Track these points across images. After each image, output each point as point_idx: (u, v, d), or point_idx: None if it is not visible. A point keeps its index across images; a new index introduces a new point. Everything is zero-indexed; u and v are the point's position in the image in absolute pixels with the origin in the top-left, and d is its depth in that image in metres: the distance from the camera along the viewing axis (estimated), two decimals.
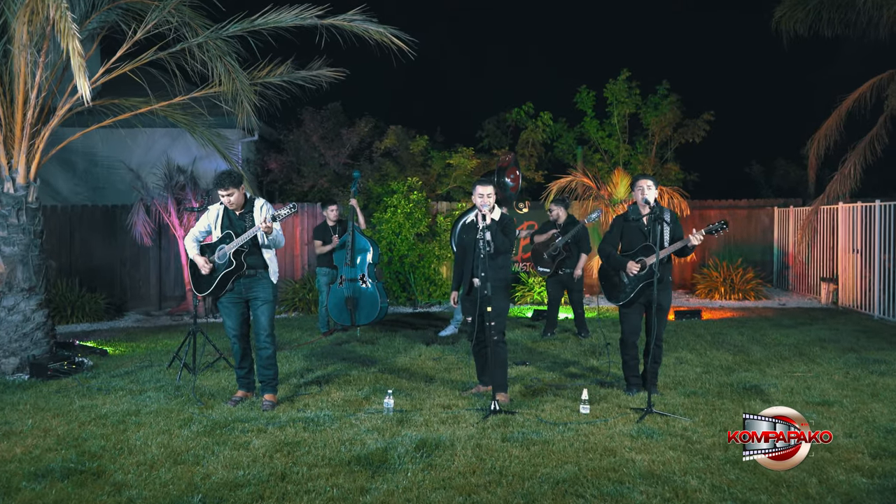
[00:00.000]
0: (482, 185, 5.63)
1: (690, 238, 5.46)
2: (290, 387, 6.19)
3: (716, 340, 8.15)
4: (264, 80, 8.43)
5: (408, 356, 7.50)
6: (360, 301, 8.64)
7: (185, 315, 11.39)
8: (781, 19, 12.50)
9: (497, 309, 5.54)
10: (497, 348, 5.60)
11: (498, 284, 5.58)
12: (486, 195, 5.58)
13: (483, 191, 5.59)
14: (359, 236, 8.81)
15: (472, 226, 5.67)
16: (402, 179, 12.27)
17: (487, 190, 5.59)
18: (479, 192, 5.60)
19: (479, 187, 5.61)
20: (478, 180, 5.76)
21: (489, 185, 5.63)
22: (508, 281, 5.71)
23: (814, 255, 12.53)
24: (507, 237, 5.58)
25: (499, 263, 5.61)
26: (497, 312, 5.55)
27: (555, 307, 8.70)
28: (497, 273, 5.59)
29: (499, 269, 5.62)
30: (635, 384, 5.91)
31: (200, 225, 5.69)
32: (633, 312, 5.83)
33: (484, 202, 5.56)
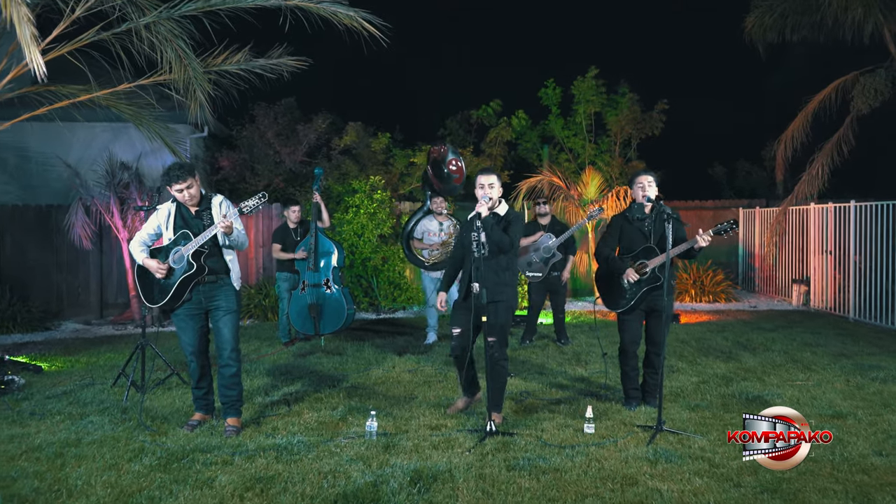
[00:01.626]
0: (484, 173, 5.07)
1: (698, 239, 5.03)
2: (255, 407, 5.52)
3: (701, 346, 7.80)
4: (220, 67, 7.71)
5: (381, 368, 6.90)
6: (325, 308, 7.99)
7: (130, 324, 10.52)
8: (752, 28, 12.42)
9: (497, 322, 4.94)
10: (498, 367, 4.99)
11: (499, 290, 4.97)
12: (486, 185, 5.01)
13: (484, 180, 5.02)
14: (322, 238, 8.17)
15: (473, 221, 5.07)
16: (363, 178, 11.64)
17: (490, 179, 5.03)
18: (479, 182, 5.04)
19: (481, 176, 5.05)
20: (481, 169, 5.22)
21: (492, 175, 5.07)
22: (512, 288, 5.11)
23: (782, 256, 12.42)
24: (507, 234, 4.97)
25: (501, 265, 5.01)
26: (499, 325, 4.95)
27: (536, 313, 8.22)
28: (499, 277, 5.00)
29: (501, 272, 5.01)
30: (635, 397, 5.45)
31: (149, 226, 4.97)
32: (634, 320, 5.37)
33: (484, 193, 5.00)
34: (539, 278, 7.95)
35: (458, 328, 5.17)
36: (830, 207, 10.77)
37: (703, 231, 5.05)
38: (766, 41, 12.52)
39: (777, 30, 12.41)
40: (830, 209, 10.77)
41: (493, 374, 5.00)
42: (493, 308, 4.94)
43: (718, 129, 18.44)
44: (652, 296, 5.27)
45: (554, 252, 7.87)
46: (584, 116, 12.97)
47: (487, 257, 4.95)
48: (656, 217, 5.30)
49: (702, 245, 5.03)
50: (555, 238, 7.90)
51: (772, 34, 12.44)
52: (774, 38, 12.52)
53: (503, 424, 4.95)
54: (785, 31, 12.36)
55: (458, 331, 5.17)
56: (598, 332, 8.29)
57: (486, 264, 4.94)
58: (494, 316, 4.96)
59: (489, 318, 4.92)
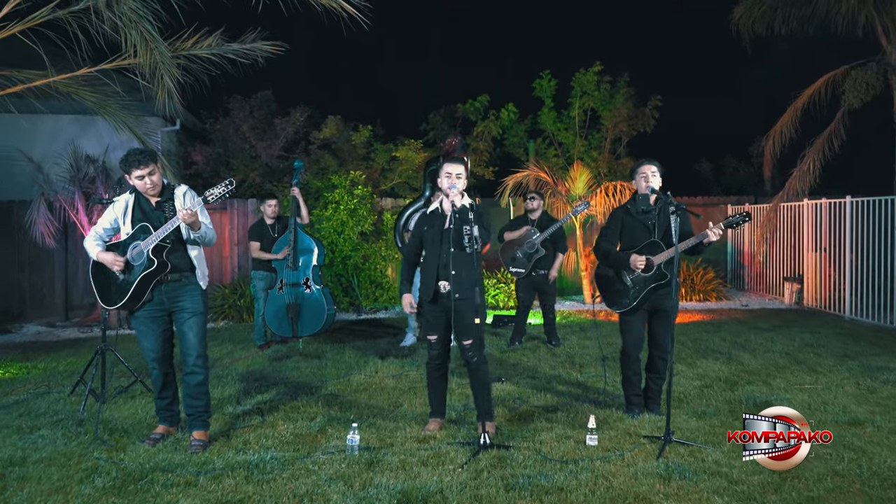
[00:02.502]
0: (452, 162, 4.60)
1: (708, 233, 4.66)
2: (225, 418, 5.06)
3: (698, 347, 7.45)
4: (189, 52, 7.22)
5: (363, 373, 6.45)
6: (304, 308, 7.52)
7: (97, 326, 9.95)
8: (741, 20, 12.13)
9: (471, 323, 4.51)
10: (478, 371, 4.58)
11: (471, 286, 4.54)
12: (454, 175, 4.55)
13: (452, 169, 4.55)
14: (302, 234, 7.70)
15: (438, 215, 4.62)
16: (343, 173, 11.16)
17: (458, 168, 4.56)
18: (446, 171, 4.56)
19: (449, 165, 4.57)
20: (446, 157, 4.78)
21: (460, 164, 4.61)
22: (481, 283, 4.67)
23: (773, 253, 12.14)
24: (485, 229, 4.60)
25: (472, 262, 4.58)
26: (473, 328, 4.52)
27: (524, 313, 7.81)
28: (471, 274, 4.58)
29: (473, 269, 4.59)
30: (637, 404, 5.06)
31: (105, 220, 4.48)
32: (637, 320, 4.98)
33: (452, 183, 4.53)
34: (522, 274, 7.55)
35: (435, 334, 4.70)
36: (825, 203, 10.49)
37: (714, 224, 4.67)
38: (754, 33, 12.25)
39: (766, 22, 12.14)
40: (825, 205, 10.49)
41: (476, 380, 4.59)
42: (470, 307, 4.51)
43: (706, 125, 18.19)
44: (657, 294, 4.89)
45: (537, 248, 7.47)
46: (579, 111, 12.57)
47: (458, 251, 4.51)
48: (661, 210, 4.92)
49: (712, 239, 4.66)
50: (540, 233, 7.51)
51: (760, 26, 12.17)
52: (763, 31, 12.25)
53: (497, 436, 4.53)
54: (774, 23, 12.09)
55: (435, 337, 4.71)
56: (596, 333, 7.92)
57: (460, 260, 4.50)
58: (470, 317, 4.52)
59: (466, 318, 4.50)
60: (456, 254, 4.48)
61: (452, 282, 4.45)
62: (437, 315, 4.63)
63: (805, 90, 12.29)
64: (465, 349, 4.55)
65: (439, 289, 4.55)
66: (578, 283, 12.16)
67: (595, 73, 12.28)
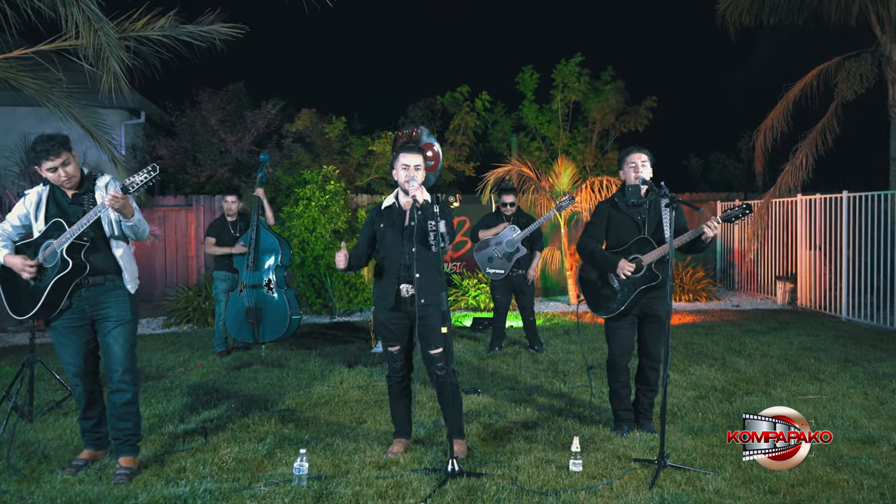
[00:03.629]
0: (408, 152, 4.06)
1: (704, 228, 4.14)
2: (163, 438, 4.48)
3: (690, 352, 6.95)
4: (139, 33, 6.62)
5: (326, 384, 5.89)
6: (265, 312, 6.96)
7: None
8: (727, 11, 11.68)
9: (439, 331, 4.00)
10: (448, 384, 4.06)
11: (438, 291, 4.03)
12: (412, 166, 4.03)
13: (409, 160, 4.03)
14: (265, 233, 7.14)
15: (395, 211, 4.09)
16: (316, 168, 10.58)
17: (416, 159, 4.04)
18: (402, 163, 4.03)
19: (405, 156, 4.04)
20: (401, 147, 4.22)
21: (417, 154, 4.08)
22: (446, 288, 4.15)
23: (765, 251, 11.68)
24: (450, 228, 4.05)
25: (435, 264, 4.07)
26: (443, 334, 3.99)
27: (502, 316, 7.28)
28: (435, 278, 4.06)
29: (434, 270, 4.07)
30: (626, 420, 4.54)
31: (13, 216, 3.89)
32: (626, 327, 4.46)
33: (411, 176, 4.01)
34: (501, 275, 7.01)
35: (397, 345, 4.17)
36: (819, 199, 10.04)
37: (711, 218, 4.16)
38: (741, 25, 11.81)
39: (753, 13, 11.70)
40: (819, 200, 10.03)
41: (444, 395, 4.05)
42: (437, 313, 4.00)
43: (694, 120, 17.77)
44: (648, 297, 4.37)
45: (518, 246, 6.94)
46: (561, 104, 12.06)
47: (421, 251, 3.99)
48: (652, 203, 4.40)
49: (709, 235, 4.15)
50: (519, 231, 6.98)
51: (748, 17, 11.74)
52: (750, 22, 11.82)
53: (468, 460, 3.99)
54: (762, 14, 11.67)
55: (397, 348, 4.18)
56: (581, 339, 7.39)
57: (425, 261, 3.99)
58: (438, 324, 4.01)
59: (433, 325, 3.99)
60: (420, 254, 3.96)
61: (417, 285, 3.92)
62: (399, 323, 4.11)
63: (797, 83, 11.85)
64: (433, 360, 4.03)
65: (401, 293, 4.02)
66: (563, 284, 11.66)
67: (576, 65, 11.76)
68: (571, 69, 11.76)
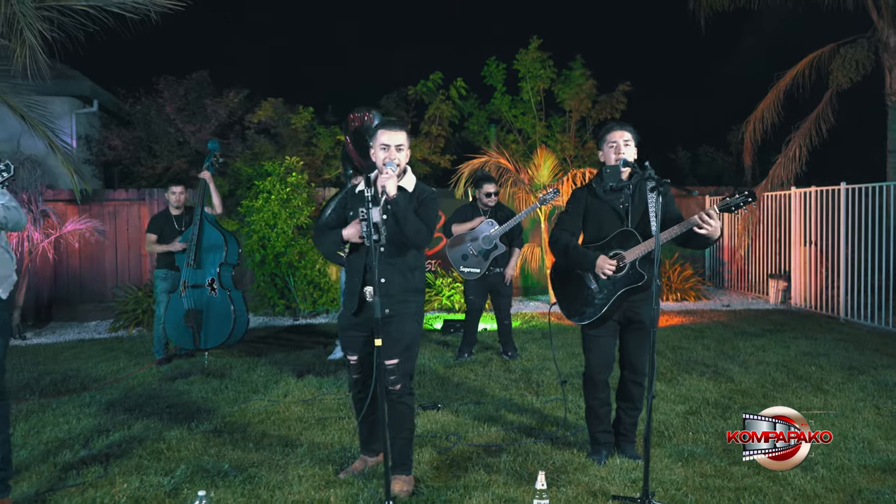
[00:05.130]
0: (390, 128, 3.41)
1: (697, 219, 3.46)
2: (55, 469, 3.75)
3: (680, 358, 6.30)
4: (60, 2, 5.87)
5: (267, 397, 5.18)
6: (207, 315, 6.24)
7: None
8: None
9: (401, 339, 3.40)
10: (399, 406, 3.44)
11: (407, 299, 3.43)
12: (393, 146, 3.38)
13: (391, 139, 3.39)
14: (209, 228, 6.42)
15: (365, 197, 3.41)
16: (278, 160, 9.84)
17: (397, 138, 3.40)
18: (381, 142, 3.39)
19: (386, 133, 3.40)
20: (383, 122, 3.54)
21: (400, 131, 3.43)
22: (422, 294, 3.53)
23: (757, 248, 11.07)
24: (423, 221, 3.39)
25: (409, 264, 3.45)
26: (401, 346, 3.40)
27: (475, 318, 6.59)
28: (407, 280, 3.43)
29: (410, 272, 3.45)
30: (605, 444, 3.86)
31: None
32: (606, 335, 3.78)
33: (389, 157, 3.36)
34: (476, 275, 6.32)
35: (355, 355, 3.53)
36: (815, 191, 9.42)
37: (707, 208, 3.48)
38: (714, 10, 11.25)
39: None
40: (815, 193, 9.41)
41: (393, 417, 3.42)
42: (398, 321, 3.38)
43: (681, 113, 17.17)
44: (631, 301, 3.69)
45: (496, 243, 6.26)
46: (532, 93, 11.40)
47: (391, 251, 3.36)
48: (636, 189, 3.72)
49: (715, 227, 3.44)
50: (498, 226, 6.29)
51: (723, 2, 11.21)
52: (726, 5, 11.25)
53: (412, 499, 3.30)
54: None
55: (355, 358, 3.54)
56: (552, 345, 6.72)
57: (390, 261, 3.37)
58: (400, 331, 3.39)
59: (393, 333, 3.38)
60: (388, 254, 3.36)
61: (380, 291, 3.26)
62: (359, 330, 3.46)
63: (788, 71, 11.27)
64: (386, 372, 3.35)
65: (365, 296, 3.36)
66: (544, 283, 10.98)
67: (536, 50, 11.11)
68: (532, 56, 11.12)
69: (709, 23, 11.38)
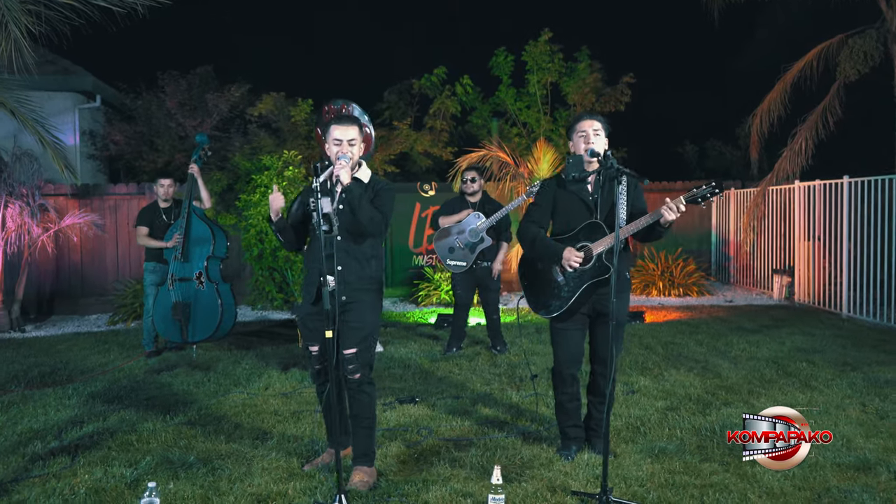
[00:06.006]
0: (341, 124, 3.45)
1: (663, 211, 3.39)
2: (23, 459, 3.77)
3: (670, 354, 6.21)
4: None
5: (247, 391, 5.18)
6: (195, 308, 6.26)
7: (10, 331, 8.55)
8: None
9: (360, 328, 3.40)
10: (360, 395, 3.43)
11: (363, 287, 3.42)
12: (345, 141, 3.41)
13: (342, 134, 3.42)
14: (197, 221, 6.44)
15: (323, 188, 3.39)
16: (277, 153, 9.84)
17: (349, 132, 3.43)
18: (335, 137, 3.42)
19: (337, 128, 3.44)
20: (334, 118, 3.54)
21: (352, 125, 3.45)
22: (379, 283, 3.51)
23: (761, 243, 10.90)
24: (378, 210, 3.39)
25: (366, 252, 3.44)
26: (360, 335, 3.40)
27: (464, 313, 6.55)
28: (363, 268, 3.43)
29: (366, 260, 3.44)
30: (575, 439, 3.81)
31: None
32: (574, 328, 3.73)
33: (342, 151, 3.38)
34: (463, 268, 6.27)
35: (316, 344, 3.53)
36: (818, 185, 9.25)
37: (672, 199, 3.41)
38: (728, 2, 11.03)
39: None
40: (818, 187, 9.25)
41: (356, 408, 3.44)
42: (356, 310, 3.40)
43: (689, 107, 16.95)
44: (599, 294, 3.63)
45: (482, 236, 6.20)
46: (538, 86, 11.31)
47: (347, 240, 3.35)
48: (605, 180, 3.65)
49: (669, 218, 3.40)
50: (484, 218, 6.24)
51: None
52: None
53: (370, 493, 3.27)
54: None
55: (316, 348, 3.54)
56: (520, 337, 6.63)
57: (347, 250, 3.38)
58: (358, 320, 3.40)
59: (351, 322, 3.40)
60: (344, 242, 3.37)
61: (338, 278, 3.25)
62: (318, 319, 3.44)
63: (795, 63, 11.06)
64: (345, 361, 3.38)
65: (325, 285, 3.33)
66: None
67: (546, 42, 10.98)
68: (542, 48, 11.00)
69: (722, 14, 11.20)
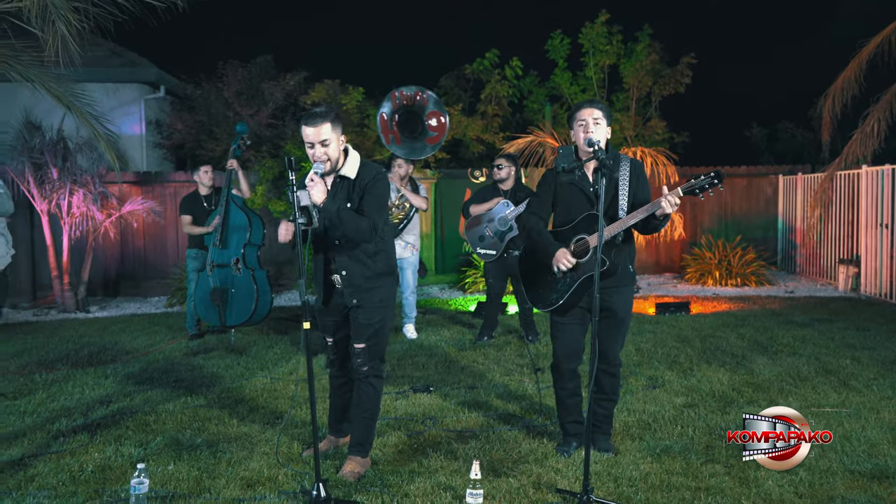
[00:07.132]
0: (310, 123, 3.26)
1: (662, 202, 3.26)
2: (46, 436, 4.00)
3: (707, 347, 5.98)
4: None
5: (272, 374, 5.32)
6: (232, 294, 6.44)
7: (54, 309, 9.14)
8: None
9: (369, 325, 3.44)
10: (365, 386, 3.48)
11: (371, 286, 3.43)
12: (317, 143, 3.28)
13: (312, 135, 3.26)
14: (235, 209, 6.60)
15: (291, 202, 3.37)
16: None
17: (319, 133, 3.25)
18: (306, 140, 3.30)
19: (305, 129, 3.27)
20: (302, 117, 3.46)
21: (321, 124, 3.25)
22: (390, 274, 3.52)
23: (828, 231, 10.33)
24: (366, 212, 3.34)
25: (368, 250, 3.42)
26: (369, 331, 3.44)
27: (496, 303, 6.51)
28: (368, 267, 3.43)
29: (370, 258, 3.43)
30: (576, 435, 3.73)
31: None
32: (573, 322, 3.64)
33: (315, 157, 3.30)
34: (492, 256, 6.22)
35: (331, 337, 3.64)
36: (888, 170, 8.68)
37: (670, 190, 3.27)
38: None
39: None
40: (888, 172, 8.67)
41: (359, 397, 3.50)
42: (365, 310, 3.45)
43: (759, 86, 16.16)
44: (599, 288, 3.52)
45: (511, 224, 6.13)
46: (595, 70, 11.02)
47: (346, 243, 3.41)
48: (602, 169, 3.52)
49: (666, 211, 3.26)
50: (513, 207, 6.16)
51: None
52: None
53: (356, 483, 3.31)
54: None
55: (331, 340, 3.65)
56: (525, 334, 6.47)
57: (348, 253, 3.42)
58: (367, 317, 3.44)
59: (359, 318, 3.45)
60: (344, 246, 3.41)
61: (344, 283, 3.38)
62: (330, 314, 3.58)
63: (873, 38, 10.34)
64: (354, 355, 3.45)
65: (334, 283, 3.43)
66: None
67: (603, 24, 10.64)
68: (599, 30, 10.67)
69: None
